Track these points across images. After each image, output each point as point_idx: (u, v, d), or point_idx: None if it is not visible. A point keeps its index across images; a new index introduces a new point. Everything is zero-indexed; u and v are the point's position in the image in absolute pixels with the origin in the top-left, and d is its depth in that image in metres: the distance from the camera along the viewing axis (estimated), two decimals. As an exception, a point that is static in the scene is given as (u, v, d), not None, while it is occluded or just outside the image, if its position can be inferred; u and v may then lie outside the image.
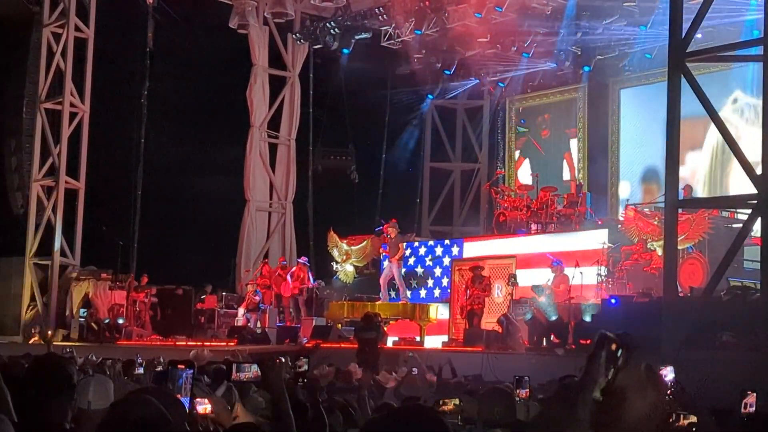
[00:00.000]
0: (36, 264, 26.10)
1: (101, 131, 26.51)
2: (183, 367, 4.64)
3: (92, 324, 24.07)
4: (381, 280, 23.05)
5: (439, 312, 21.89)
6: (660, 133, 17.94)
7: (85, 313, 24.61)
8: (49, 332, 23.22)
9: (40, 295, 25.80)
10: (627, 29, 23.93)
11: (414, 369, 13.70)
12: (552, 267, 19.18)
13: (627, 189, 26.53)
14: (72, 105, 26.02)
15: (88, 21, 26.29)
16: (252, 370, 4.36)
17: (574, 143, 27.91)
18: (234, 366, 4.41)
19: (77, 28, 26.12)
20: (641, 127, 26.02)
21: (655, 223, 19.03)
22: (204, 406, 4.45)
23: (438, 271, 23.55)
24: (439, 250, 23.68)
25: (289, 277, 23.84)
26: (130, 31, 26.98)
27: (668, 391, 6.29)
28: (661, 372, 6.40)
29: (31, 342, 23.80)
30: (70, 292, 25.37)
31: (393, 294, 23.03)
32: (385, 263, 23.10)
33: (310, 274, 24.06)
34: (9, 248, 27.41)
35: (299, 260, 24.98)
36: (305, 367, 5.25)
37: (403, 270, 23.15)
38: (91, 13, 26.31)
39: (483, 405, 5.59)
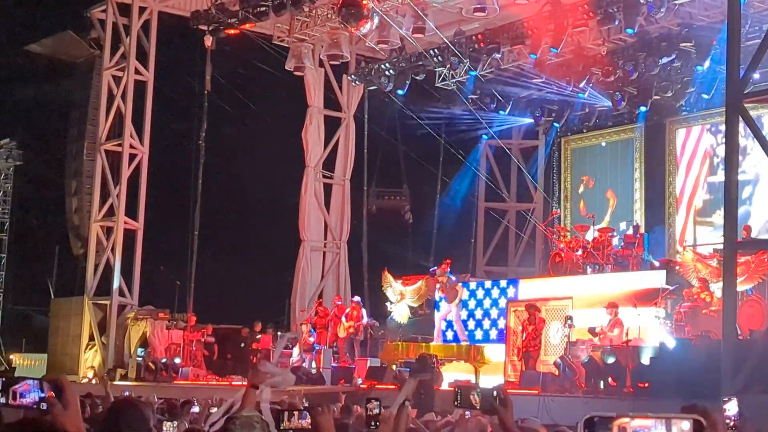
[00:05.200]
0: (95, 304, 26.43)
1: (160, 172, 26.93)
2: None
3: (149, 363, 24.31)
4: (436, 321, 22.92)
5: (494, 353, 21.69)
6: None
7: (143, 353, 24.84)
8: (105, 374, 23.42)
9: (99, 335, 26.10)
10: (683, 69, 23.73)
11: (468, 412, 13.50)
12: (607, 309, 18.94)
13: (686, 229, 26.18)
14: (131, 146, 26.48)
15: (148, 64, 26.81)
16: (304, 418, 4.35)
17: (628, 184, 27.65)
18: (285, 414, 4.37)
19: (137, 71, 26.65)
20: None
21: (714, 264, 18.75)
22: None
23: (494, 313, 23.34)
24: (495, 292, 23.46)
25: (344, 318, 23.84)
26: (189, 73, 27.43)
27: (732, 423, 6.17)
28: (724, 406, 6.31)
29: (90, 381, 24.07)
30: (128, 332, 25.64)
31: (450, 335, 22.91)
32: (442, 304, 22.96)
33: (363, 312, 24.05)
34: (69, 288, 27.86)
35: (352, 300, 25.02)
36: (377, 410, 5.06)
37: (473, 326, 23.09)
38: (151, 57, 26.85)
39: None
